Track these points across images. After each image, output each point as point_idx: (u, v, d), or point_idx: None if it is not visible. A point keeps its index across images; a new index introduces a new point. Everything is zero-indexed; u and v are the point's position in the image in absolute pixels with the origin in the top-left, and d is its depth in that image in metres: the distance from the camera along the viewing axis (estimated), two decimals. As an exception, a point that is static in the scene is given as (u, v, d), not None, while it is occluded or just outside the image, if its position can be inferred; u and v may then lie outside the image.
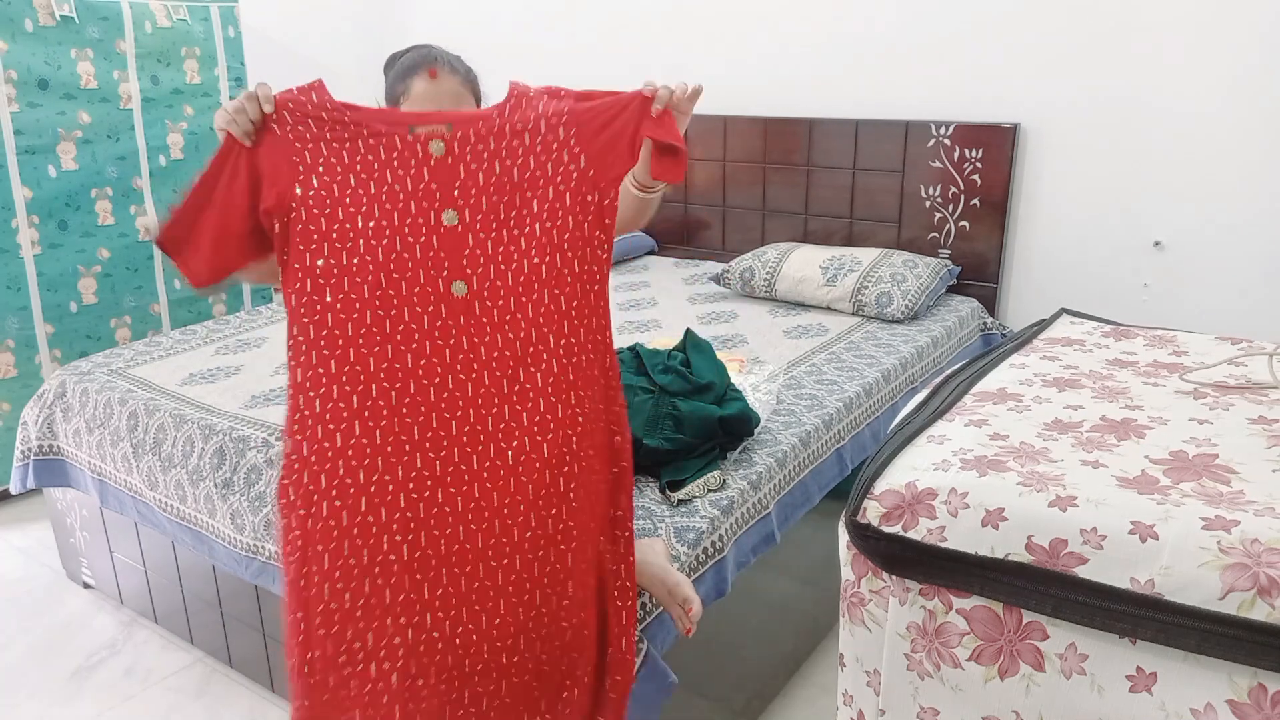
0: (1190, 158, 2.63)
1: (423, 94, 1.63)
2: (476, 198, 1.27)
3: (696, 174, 3.51)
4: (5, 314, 2.94)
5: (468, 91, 1.67)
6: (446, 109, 1.57)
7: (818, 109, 3.20)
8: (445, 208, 1.26)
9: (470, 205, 1.27)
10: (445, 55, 1.67)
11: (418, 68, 1.64)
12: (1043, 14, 2.75)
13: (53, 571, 2.70)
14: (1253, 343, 1.46)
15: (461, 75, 1.66)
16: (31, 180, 2.95)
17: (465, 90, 1.66)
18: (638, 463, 1.76)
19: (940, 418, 1.23)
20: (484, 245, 1.27)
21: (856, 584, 1.11)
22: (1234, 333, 2.29)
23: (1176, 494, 0.99)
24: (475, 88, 1.70)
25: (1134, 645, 0.93)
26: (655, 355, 1.96)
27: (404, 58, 1.70)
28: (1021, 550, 0.98)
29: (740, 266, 3.04)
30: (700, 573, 1.62)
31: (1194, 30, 2.55)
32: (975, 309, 2.93)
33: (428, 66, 1.63)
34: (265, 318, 2.90)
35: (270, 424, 2.04)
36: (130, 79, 3.17)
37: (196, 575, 2.21)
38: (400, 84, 1.66)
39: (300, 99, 1.27)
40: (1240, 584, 0.87)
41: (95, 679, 2.24)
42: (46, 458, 2.43)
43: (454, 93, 1.64)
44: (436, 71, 1.61)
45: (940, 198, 3.01)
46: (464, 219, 1.27)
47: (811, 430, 2.02)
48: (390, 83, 1.71)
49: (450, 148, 1.27)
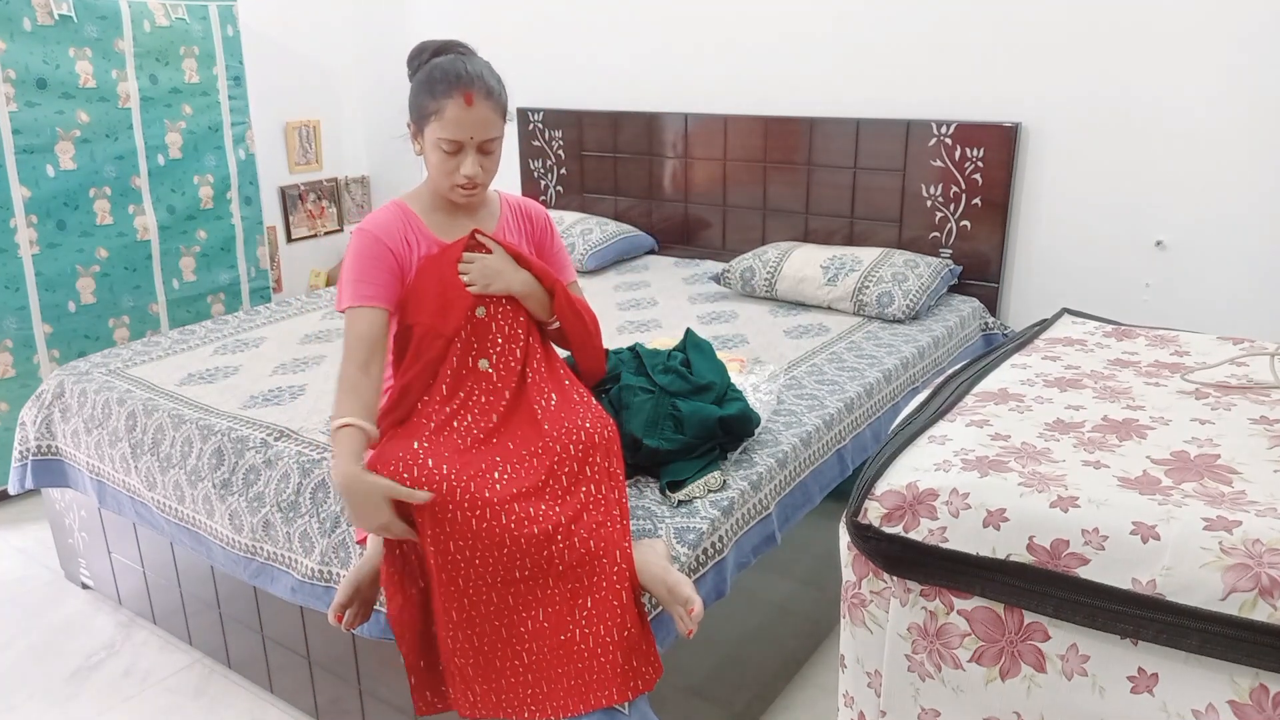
0: (1192, 157, 2.62)
1: (456, 120, 1.63)
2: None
3: (697, 173, 3.51)
4: (3, 314, 2.94)
5: (498, 116, 1.68)
6: (478, 136, 1.65)
7: (818, 108, 3.20)
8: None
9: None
10: (481, 74, 1.65)
11: (454, 89, 1.62)
12: (1044, 13, 2.75)
13: (51, 572, 2.70)
14: (1254, 343, 1.46)
15: (494, 99, 1.66)
16: (30, 180, 2.95)
17: (496, 115, 1.67)
18: (638, 463, 1.77)
19: (941, 418, 1.23)
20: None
21: (857, 585, 1.11)
22: (1236, 332, 2.28)
23: (1178, 494, 0.98)
24: (504, 106, 1.71)
25: (1135, 646, 0.93)
26: (655, 355, 1.95)
27: (438, 65, 1.66)
28: (1023, 551, 0.98)
29: (741, 266, 3.04)
30: (700, 573, 1.62)
31: (1195, 30, 2.54)
32: (976, 309, 2.93)
33: (464, 91, 1.62)
34: (264, 318, 2.89)
35: (269, 424, 2.04)
36: (129, 78, 3.17)
37: (195, 576, 2.21)
38: (433, 102, 1.63)
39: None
40: (1242, 585, 0.87)
41: (94, 680, 2.24)
42: (45, 458, 2.42)
43: (485, 121, 1.65)
44: (473, 99, 1.62)
45: (941, 197, 3.00)
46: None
47: (812, 430, 2.01)
48: (421, 92, 1.66)
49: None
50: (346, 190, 4.43)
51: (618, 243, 3.50)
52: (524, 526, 1.48)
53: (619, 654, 1.47)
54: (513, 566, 1.49)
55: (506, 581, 1.50)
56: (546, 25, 3.79)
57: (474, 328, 1.69)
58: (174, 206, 3.36)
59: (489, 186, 1.77)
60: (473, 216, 1.79)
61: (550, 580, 1.51)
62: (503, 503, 1.49)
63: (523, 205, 1.87)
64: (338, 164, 4.38)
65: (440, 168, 1.68)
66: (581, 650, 1.49)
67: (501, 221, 1.82)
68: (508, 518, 1.48)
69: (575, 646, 1.49)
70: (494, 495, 1.49)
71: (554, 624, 1.51)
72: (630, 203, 3.72)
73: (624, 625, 1.48)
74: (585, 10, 3.67)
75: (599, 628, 1.49)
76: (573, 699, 1.49)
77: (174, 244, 3.38)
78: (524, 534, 1.48)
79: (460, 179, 1.66)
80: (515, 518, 1.48)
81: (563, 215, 3.64)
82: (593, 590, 1.50)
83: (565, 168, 3.86)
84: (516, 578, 1.50)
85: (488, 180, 1.71)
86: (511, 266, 1.72)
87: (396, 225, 1.71)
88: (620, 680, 1.47)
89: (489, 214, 1.82)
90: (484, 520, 1.47)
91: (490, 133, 1.66)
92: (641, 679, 1.49)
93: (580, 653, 1.49)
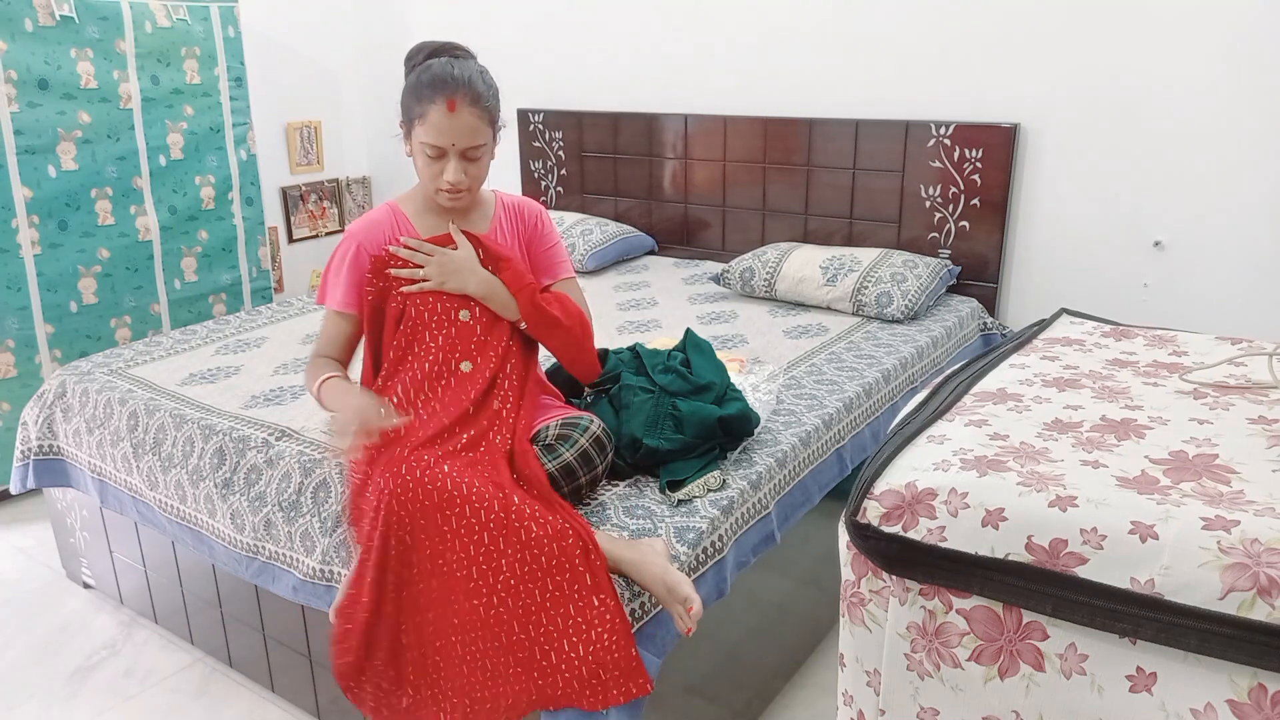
0: (1190, 157, 2.63)
1: (438, 126, 1.63)
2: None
3: (697, 174, 3.51)
4: (5, 314, 2.94)
5: (484, 124, 1.66)
6: (460, 143, 1.64)
7: (818, 109, 3.21)
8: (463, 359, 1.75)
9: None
10: (468, 80, 1.64)
11: (438, 94, 1.62)
12: (1042, 14, 2.75)
13: (53, 571, 2.70)
14: (1253, 342, 1.46)
15: (481, 106, 1.65)
16: (31, 180, 2.95)
17: (481, 123, 1.65)
18: (638, 463, 1.77)
19: (940, 418, 1.23)
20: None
21: (856, 584, 1.11)
22: (1234, 332, 2.29)
23: (1176, 494, 0.99)
24: (493, 114, 1.69)
25: (1134, 645, 0.93)
26: (655, 355, 1.96)
27: (428, 67, 1.67)
28: (1021, 550, 0.98)
29: (740, 266, 3.04)
30: (700, 573, 1.62)
31: (1193, 31, 2.55)
32: (975, 309, 2.93)
33: (448, 97, 1.61)
34: (265, 318, 2.89)
35: (270, 424, 2.05)
36: (130, 79, 3.17)
37: (196, 575, 2.21)
38: (419, 106, 1.64)
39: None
40: (1240, 584, 0.87)
41: (95, 679, 2.24)
42: (46, 458, 2.43)
43: (469, 128, 1.64)
44: (456, 105, 1.62)
45: (940, 198, 3.01)
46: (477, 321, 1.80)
47: (811, 430, 2.02)
48: (409, 94, 1.68)
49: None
50: (348, 191, 4.43)
51: (618, 243, 3.50)
52: (477, 510, 1.49)
53: (590, 660, 1.44)
54: (465, 549, 1.49)
55: (451, 566, 1.50)
56: (547, 26, 3.79)
57: (458, 330, 1.71)
58: (175, 207, 3.37)
59: (478, 191, 1.77)
60: (465, 218, 1.79)
61: (510, 575, 1.49)
62: (455, 487, 1.50)
63: (516, 203, 1.88)
64: (339, 164, 4.38)
65: (425, 171, 1.69)
66: (542, 665, 1.47)
67: (494, 223, 1.82)
68: (461, 500, 1.49)
69: (541, 658, 1.47)
70: (447, 480, 1.51)
71: (521, 626, 1.48)
72: (630, 203, 3.73)
73: (597, 636, 1.45)
74: (586, 11, 3.68)
75: (566, 639, 1.46)
76: (524, 700, 1.47)
77: (175, 244, 3.39)
78: (476, 517, 1.49)
79: (443, 184, 1.67)
80: (467, 499, 1.49)
81: (563, 216, 3.64)
82: (563, 592, 1.47)
83: (565, 168, 3.86)
84: (466, 560, 1.50)
85: (474, 185, 1.71)
86: (471, 266, 1.72)
87: (382, 228, 1.75)
88: (596, 685, 1.44)
89: (482, 215, 1.82)
90: (439, 504, 1.49)
91: (474, 140, 1.64)
92: (620, 689, 1.44)
93: (541, 665, 1.47)
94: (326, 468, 1.86)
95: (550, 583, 1.47)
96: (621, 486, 1.75)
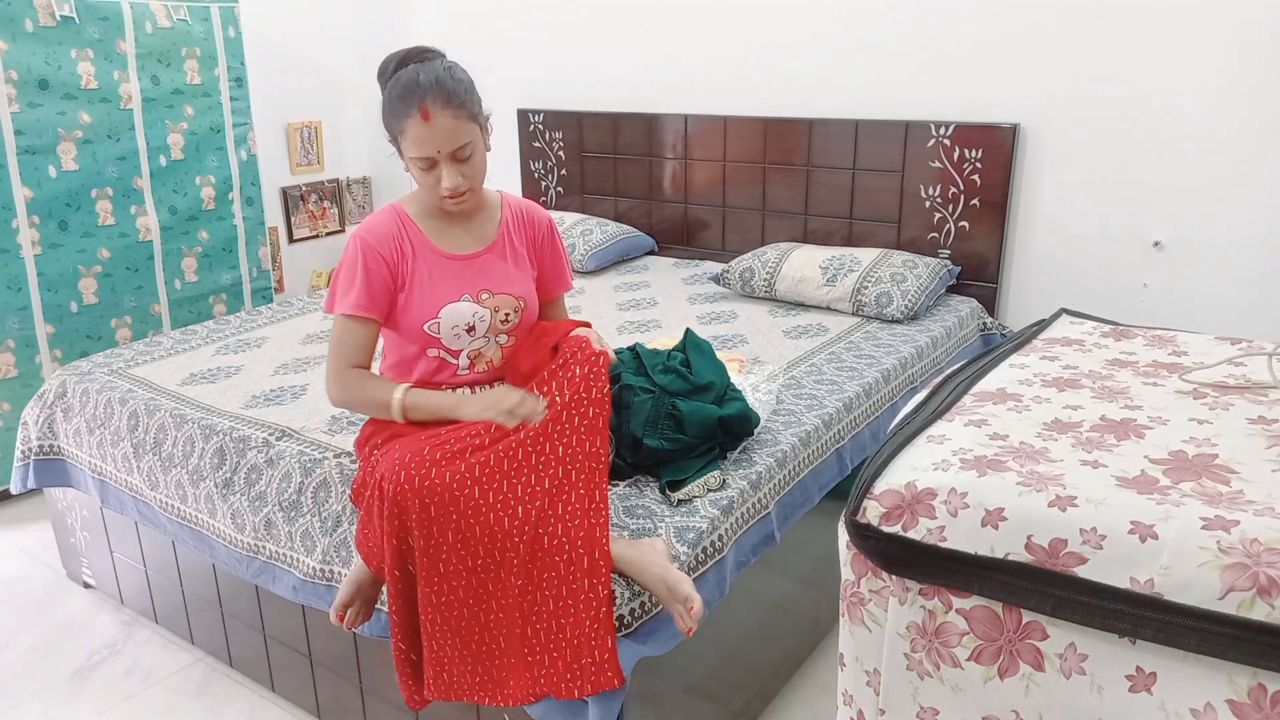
0: (1190, 157, 2.63)
1: (418, 138, 1.59)
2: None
3: (696, 174, 3.51)
4: (6, 314, 2.95)
5: (464, 121, 1.61)
6: (445, 148, 1.61)
7: (818, 109, 3.21)
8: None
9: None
10: (436, 82, 1.59)
11: (410, 106, 1.58)
12: (1043, 14, 2.75)
13: (53, 571, 2.70)
14: (1252, 342, 1.46)
15: (456, 104, 1.60)
16: (32, 180, 2.95)
17: (461, 122, 1.61)
18: (638, 463, 1.77)
19: (940, 418, 1.23)
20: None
21: (856, 584, 1.11)
22: (1234, 332, 2.29)
23: (1176, 494, 0.99)
24: (473, 110, 1.64)
25: (1134, 645, 0.93)
26: (655, 355, 1.96)
27: (397, 80, 1.63)
28: (1021, 550, 0.98)
29: (740, 266, 3.04)
30: (700, 572, 1.62)
31: (1193, 31, 2.55)
32: (975, 309, 2.93)
33: (420, 107, 1.57)
34: (265, 318, 2.90)
35: (270, 424, 2.05)
36: (130, 79, 3.17)
37: (197, 575, 2.21)
38: (397, 123, 1.62)
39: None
40: (1240, 584, 0.87)
41: (95, 679, 2.24)
42: (47, 458, 2.43)
43: (450, 131, 1.60)
44: (429, 113, 1.58)
45: (940, 198, 3.01)
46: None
47: (811, 430, 2.02)
48: (386, 112, 1.66)
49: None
50: (348, 191, 4.44)
51: (618, 243, 3.50)
52: (501, 520, 1.49)
53: (569, 651, 1.46)
54: (490, 554, 1.50)
55: (480, 569, 1.50)
56: (547, 26, 3.79)
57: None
58: (176, 207, 3.37)
59: (480, 188, 1.76)
60: (471, 221, 1.79)
61: (518, 570, 1.50)
62: (484, 494, 1.50)
63: (525, 209, 1.87)
64: (339, 165, 4.38)
65: (422, 182, 1.68)
66: (533, 644, 1.49)
67: (502, 224, 1.82)
68: (487, 508, 1.49)
69: (533, 639, 1.49)
70: (474, 485, 1.50)
71: (523, 612, 1.50)
72: (630, 203, 3.73)
73: (580, 622, 1.47)
74: (586, 12, 3.68)
75: (555, 622, 1.48)
76: (524, 689, 1.49)
77: (176, 244, 3.39)
78: (499, 526, 1.49)
79: (443, 191, 1.66)
80: (492, 508, 1.49)
81: (563, 216, 3.64)
82: (560, 582, 1.49)
83: (565, 169, 3.86)
84: (491, 565, 1.50)
85: (475, 185, 1.69)
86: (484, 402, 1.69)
87: (393, 233, 1.72)
88: (570, 677, 1.46)
89: (488, 217, 1.82)
90: (465, 514, 1.49)
91: (458, 141, 1.61)
92: (591, 681, 1.44)
93: (533, 646, 1.49)
94: (326, 468, 1.86)
95: (554, 575, 1.50)
96: (621, 486, 1.75)
